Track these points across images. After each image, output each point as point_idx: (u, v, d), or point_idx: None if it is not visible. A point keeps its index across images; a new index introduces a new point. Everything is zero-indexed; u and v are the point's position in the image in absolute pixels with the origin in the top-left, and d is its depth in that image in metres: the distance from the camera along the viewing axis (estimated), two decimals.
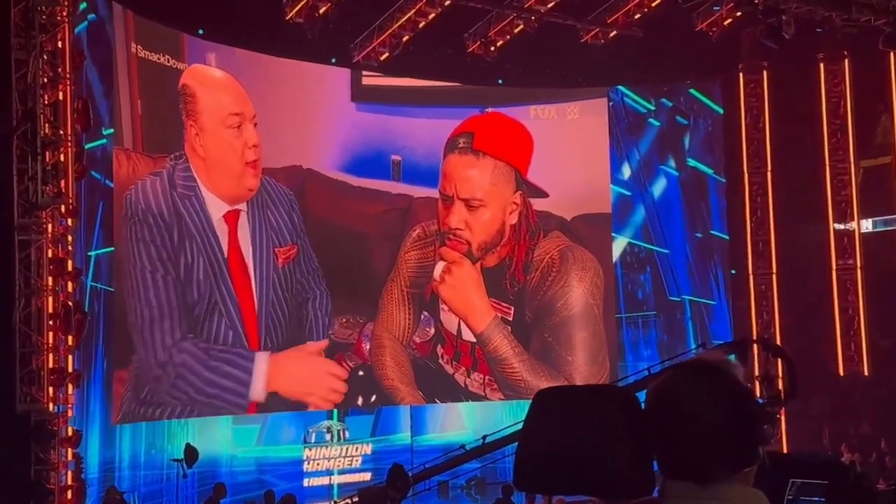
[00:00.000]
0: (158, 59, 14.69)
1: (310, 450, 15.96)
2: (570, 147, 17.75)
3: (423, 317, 17.33)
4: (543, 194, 18.03)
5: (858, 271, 17.99)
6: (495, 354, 17.46)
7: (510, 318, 17.72)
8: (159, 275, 14.35)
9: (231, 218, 15.74)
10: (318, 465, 15.93)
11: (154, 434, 14.31)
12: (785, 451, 16.26)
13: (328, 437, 16.17)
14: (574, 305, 18.07)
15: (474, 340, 17.60)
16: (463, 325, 17.69)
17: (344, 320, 16.77)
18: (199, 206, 15.16)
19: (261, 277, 15.73)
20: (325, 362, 16.40)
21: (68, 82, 11.27)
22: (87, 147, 11.92)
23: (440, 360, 17.38)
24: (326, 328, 16.45)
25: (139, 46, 14.37)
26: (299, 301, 16.32)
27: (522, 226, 17.94)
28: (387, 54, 16.01)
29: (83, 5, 12.67)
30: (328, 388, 16.89)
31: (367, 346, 16.86)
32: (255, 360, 15.58)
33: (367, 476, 15.35)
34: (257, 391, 15.57)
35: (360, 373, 16.75)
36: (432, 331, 17.36)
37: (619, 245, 18.14)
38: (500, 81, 17.31)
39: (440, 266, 17.50)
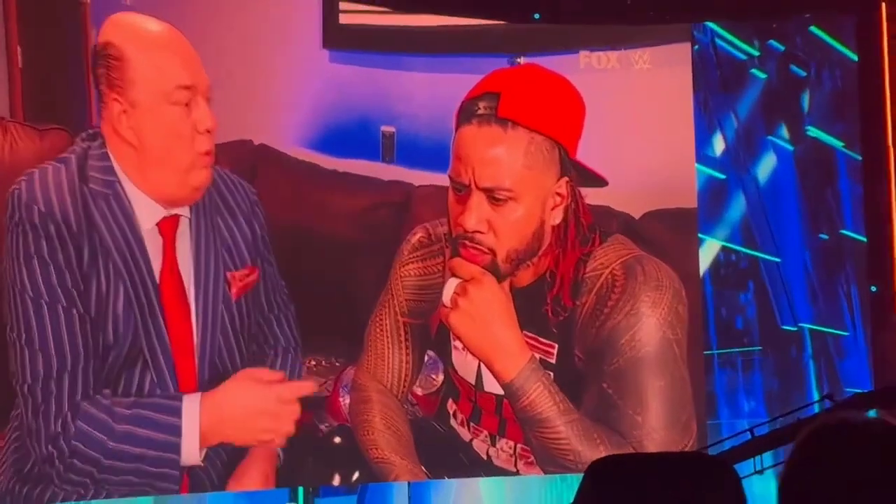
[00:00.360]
0: None
1: None
2: (638, 111, 17.29)
3: (427, 359, 16.42)
4: (601, 182, 17.16)
5: None
6: (530, 412, 16.55)
7: (552, 361, 16.91)
8: (59, 308, 13.47)
9: (167, 227, 14.93)
10: None
11: None
12: None
13: None
14: (646, 342, 17.06)
15: (501, 392, 16.68)
16: (485, 371, 16.80)
17: (313, 363, 15.94)
18: (122, 209, 14.32)
19: (204, 314, 14.84)
20: (275, 387, 15.66)
21: None
22: None
23: (452, 421, 16.51)
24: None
25: None
26: (255, 351, 15.44)
27: (570, 227, 17.03)
28: None
29: None
30: (291, 422, 16.32)
31: (346, 401, 16.05)
32: (183, 407, 14.81)
33: None
34: (190, 451, 14.89)
35: (337, 439, 15.94)
36: (440, 378, 16.48)
37: (708, 251, 17.60)
38: (536, 17, 16.78)
39: (452, 285, 16.62)
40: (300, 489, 15.85)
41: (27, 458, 13.55)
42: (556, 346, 16.80)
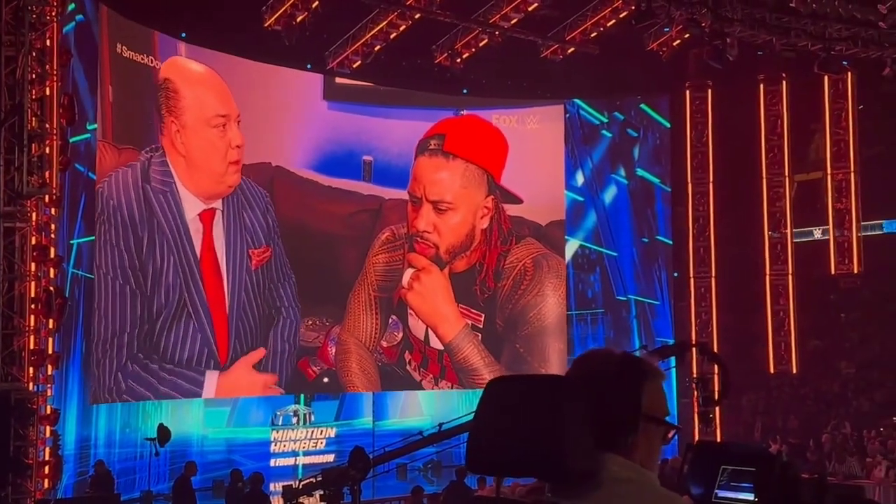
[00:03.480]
0: (142, 59, 14.36)
1: (277, 432, 15.80)
2: (529, 154, 17.52)
3: (391, 321, 16.47)
4: (517, 200, 17.20)
5: (790, 277, 18.28)
6: (465, 364, 16.57)
7: (480, 326, 16.84)
8: (118, 284, 13.43)
9: (206, 217, 14.79)
10: (284, 446, 15.80)
11: (129, 414, 14.11)
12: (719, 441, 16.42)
13: (295, 420, 16.01)
14: (548, 315, 17.10)
15: (443, 348, 16.68)
16: (431, 333, 16.70)
17: (310, 322, 15.95)
18: (175, 202, 14.20)
19: (233, 279, 14.85)
20: (260, 378, 15.65)
21: (55, 79, 11.12)
22: (71, 141, 11.75)
23: (407, 367, 16.64)
24: (295, 337, 15.73)
25: (124, 47, 14.06)
26: (269, 307, 15.50)
27: (494, 231, 16.99)
28: (359, 62, 15.93)
29: (71, 6, 12.45)
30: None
31: (333, 351, 16.13)
32: (205, 381, 14.86)
33: (330, 457, 15.13)
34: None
35: (325, 379, 16.12)
36: (400, 335, 16.56)
37: (571, 247, 18.06)
38: (465, 91, 17.27)
39: (409, 273, 16.44)
40: (302, 395, 16.42)
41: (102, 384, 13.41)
42: (483, 315, 17.25)
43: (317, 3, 14.24)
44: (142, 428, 13.91)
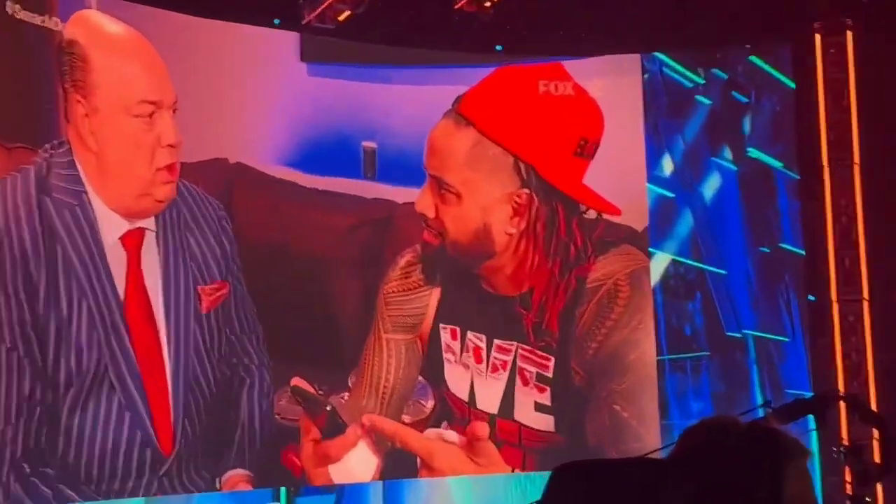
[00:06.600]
0: (42, 21, 10.87)
1: None
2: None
3: (417, 385, 13.13)
4: (607, 210, 13.81)
5: None
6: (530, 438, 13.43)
7: (549, 375, 13.42)
8: (3, 348, 10.01)
9: (132, 241, 11.81)
10: None
11: None
12: None
13: None
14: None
15: (495, 412, 13.31)
16: (478, 387, 13.27)
17: (289, 394, 12.84)
18: (88, 220, 11.32)
19: (176, 332, 11.78)
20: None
21: None
22: None
23: None
24: (268, 412, 12.25)
25: (17, 6, 10.56)
26: (230, 367, 12.12)
27: (549, 239, 13.69)
28: (348, 13, 12.75)
29: None
30: None
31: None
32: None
33: None
34: None
35: None
36: (430, 404, 13.33)
37: (658, 264, 14.91)
38: (498, 48, 14.05)
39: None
40: (283, 490, 12.28)
41: None
42: (553, 360, 12.21)
43: None
44: None
